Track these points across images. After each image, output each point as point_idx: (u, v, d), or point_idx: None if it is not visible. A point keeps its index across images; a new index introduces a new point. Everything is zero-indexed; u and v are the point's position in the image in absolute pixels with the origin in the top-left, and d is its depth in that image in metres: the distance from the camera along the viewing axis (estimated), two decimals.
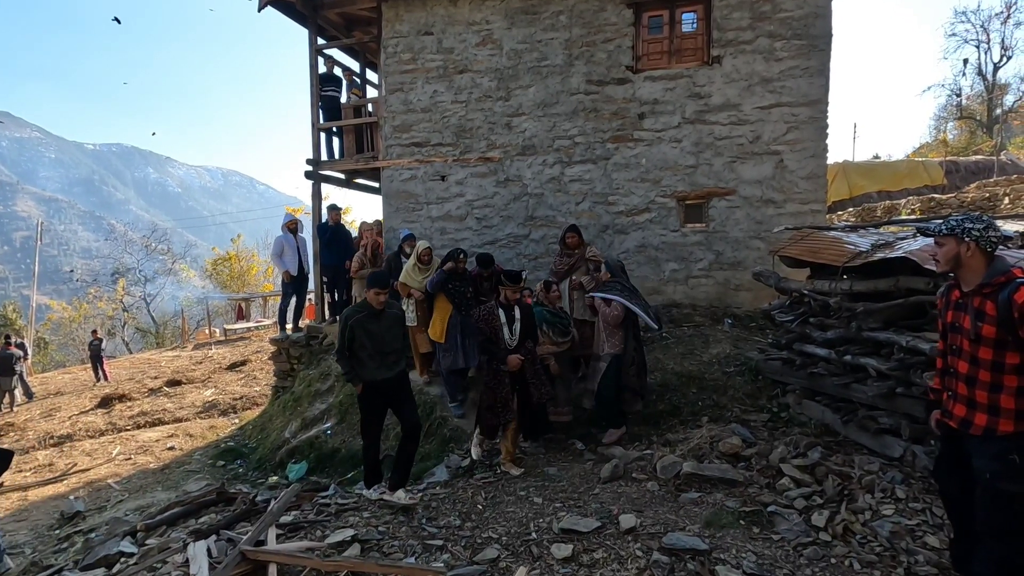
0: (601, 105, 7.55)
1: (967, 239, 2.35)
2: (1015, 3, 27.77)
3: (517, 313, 4.60)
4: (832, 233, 4.87)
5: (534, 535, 3.50)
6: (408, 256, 6.92)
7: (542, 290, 5.49)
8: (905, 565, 2.78)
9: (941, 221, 2.54)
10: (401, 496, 3.99)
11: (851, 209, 14.70)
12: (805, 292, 4.71)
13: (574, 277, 5.87)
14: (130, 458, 7.84)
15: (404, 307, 5.74)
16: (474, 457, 4.97)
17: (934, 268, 3.37)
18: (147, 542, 3.85)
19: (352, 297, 8.43)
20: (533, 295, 5.53)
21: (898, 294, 3.93)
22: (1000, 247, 2.46)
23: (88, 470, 7.51)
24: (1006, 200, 8.55)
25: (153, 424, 9.54)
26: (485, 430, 4.80)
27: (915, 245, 3.80)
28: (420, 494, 4.47)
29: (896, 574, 2.74)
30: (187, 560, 3.14)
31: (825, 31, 6.87)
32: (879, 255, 3.95)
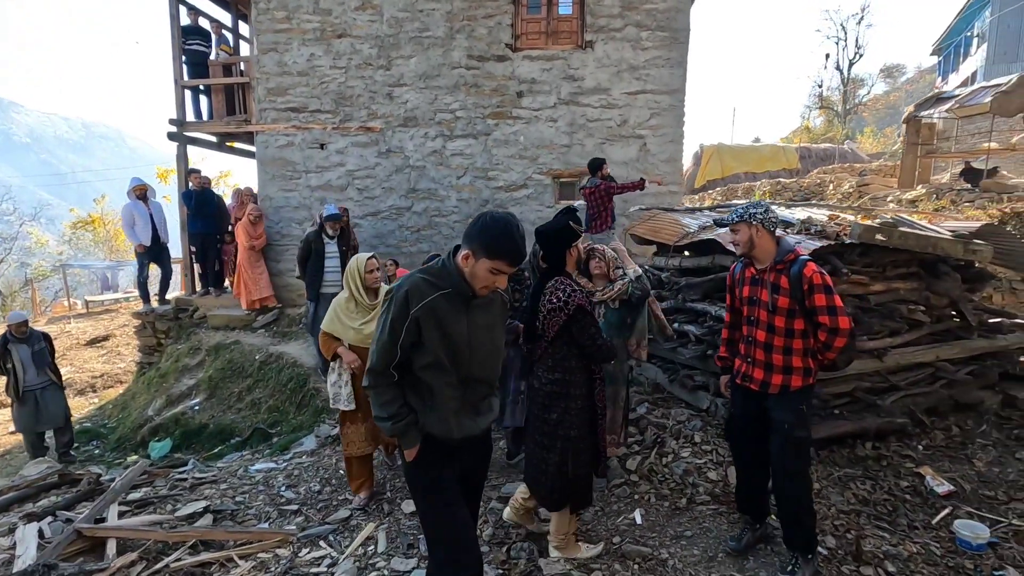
0: (482, 81, 7.69)
1: (754, 222, 2.68)
2: (868, 6, 31.20)
3: None
4: (671, 215, 5.45)
5: (388, 494, 3.76)
6: (331, 238, 5.77)
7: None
8: (689, 495, 3.37)
9: (731, 211, 2.87)
10: None
11: (719, 188, 16.12)
12: (646, 267, 5.27)
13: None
14: None
15: (332, 375, 3.53)
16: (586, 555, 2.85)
17: (736, 251, 3.99)
18: None
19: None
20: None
21: (714, 270, 4.55)
22: (779, 228, 2.86)
23: None
24: (831, 187, 9.91)
25: None
26: (585, 496, 2.79)
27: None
28: (285, 464, 4.57)
29: (681, 503, 3.32)
30: (16, 543, 3.05)
31: (684, 25, 7.45)
32: (701, 236, 4.54)
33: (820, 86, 33.12)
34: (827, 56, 32.54)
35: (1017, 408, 4.09)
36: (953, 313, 4.16)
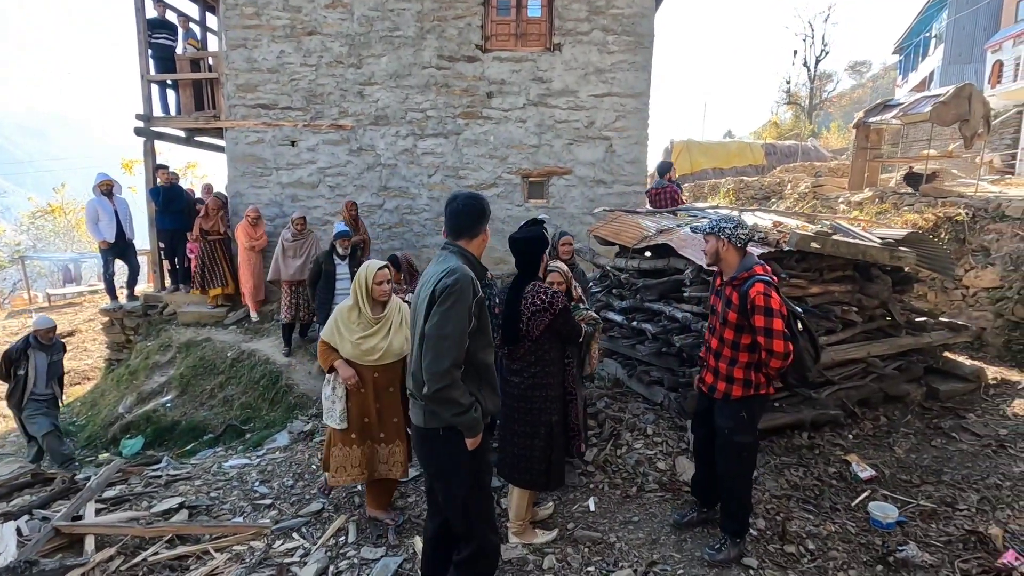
0: (452, 81, 7.81)
1: (722, 236, 2.79)
2: (834, 4, 32.03)
3: None
4: (633, 217, 5.71)
5: (360, 487, 3.94)
6: (343, 257, 5.59)
7: None
8: (639, 483, 3.65)
9: (707, 222, 2.99)
10: None
11: (688, 184, 16.52)
12: (608, 268, 5.53)
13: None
14: None
15: (327, 388, 3.32)
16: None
17: (689, 256, 4.27)
18: None
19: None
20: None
21: (669, 272, 4.83)
22: (750, 243, 2.90)
23: None
24: (789, 186, 10.33)
25: None
26: (561, 476, 3.12)
27: (685, 231, 4.68)
28: (258, 460, 4.72)
29: (631, 491, 3.60)
30: None
31: (649, 30, 7.69)
32: (657, 240, 4.81)
33: (788, 82, 33.95)
34: (794, 52, 33.42)
35: (938, 399, 4.49)
36: (883, 313, 4.53)
